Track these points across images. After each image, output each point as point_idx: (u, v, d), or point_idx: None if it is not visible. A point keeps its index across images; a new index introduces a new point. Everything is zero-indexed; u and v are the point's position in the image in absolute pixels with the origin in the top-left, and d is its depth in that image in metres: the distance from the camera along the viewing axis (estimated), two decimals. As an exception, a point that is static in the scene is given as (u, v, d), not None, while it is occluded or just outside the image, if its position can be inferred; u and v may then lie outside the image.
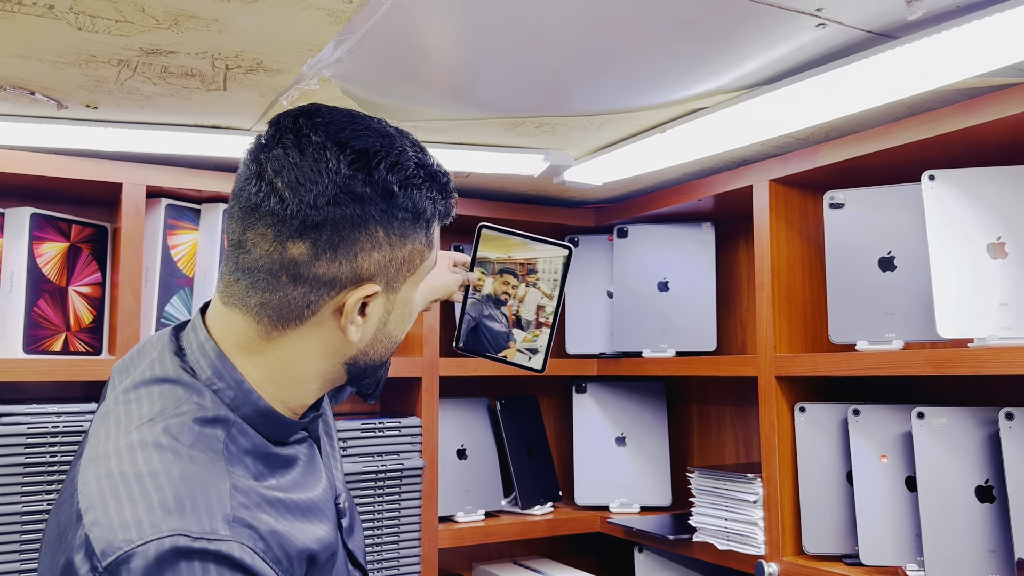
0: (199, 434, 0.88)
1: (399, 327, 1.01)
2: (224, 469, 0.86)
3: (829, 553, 1.67)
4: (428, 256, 0.99)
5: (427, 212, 0.95)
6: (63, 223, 1.83)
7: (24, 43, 1.23)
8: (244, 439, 0.92)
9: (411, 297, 1.01)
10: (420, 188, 0.94)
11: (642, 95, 1.49)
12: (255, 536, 0.84)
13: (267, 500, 0.89)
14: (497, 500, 2.22)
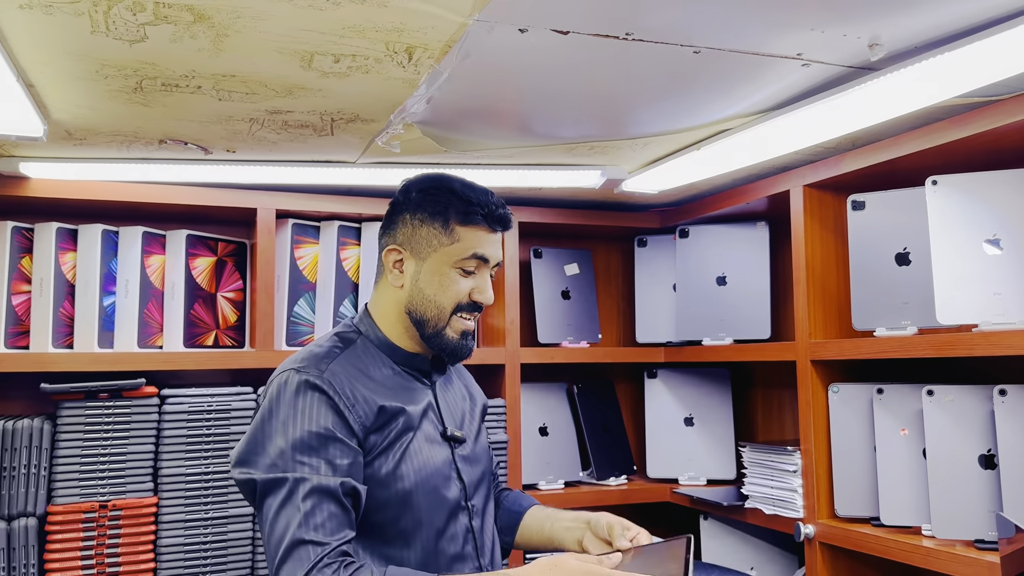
0: (334, 340, 1.47)
1: (430, 288, 1.45)
2: (334, 353, 1.42)
3: (857, 515, 1.89)
4: (448, 242, 1.44)
5: (438, 212, 1.44)
6: (211, 241, 2.25)
7: (181, 110, 1.62)
8: (365, 349, 1.46)
9: (441, 270, 1.45)
10: (430, 195, 1.45)
11: (675, 122, 1.76)
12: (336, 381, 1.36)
13: (356, 375, 1.40)
14: (575, 472, 2.52)
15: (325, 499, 1.27)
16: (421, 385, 1.50)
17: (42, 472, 1.94)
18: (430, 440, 1.45)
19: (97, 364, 2.02)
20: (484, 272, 1.48)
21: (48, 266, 2.06)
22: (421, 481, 1.40)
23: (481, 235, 1.45)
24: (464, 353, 1.49)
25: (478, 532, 1.48)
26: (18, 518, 1.92)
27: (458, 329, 1.46)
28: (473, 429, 1.57)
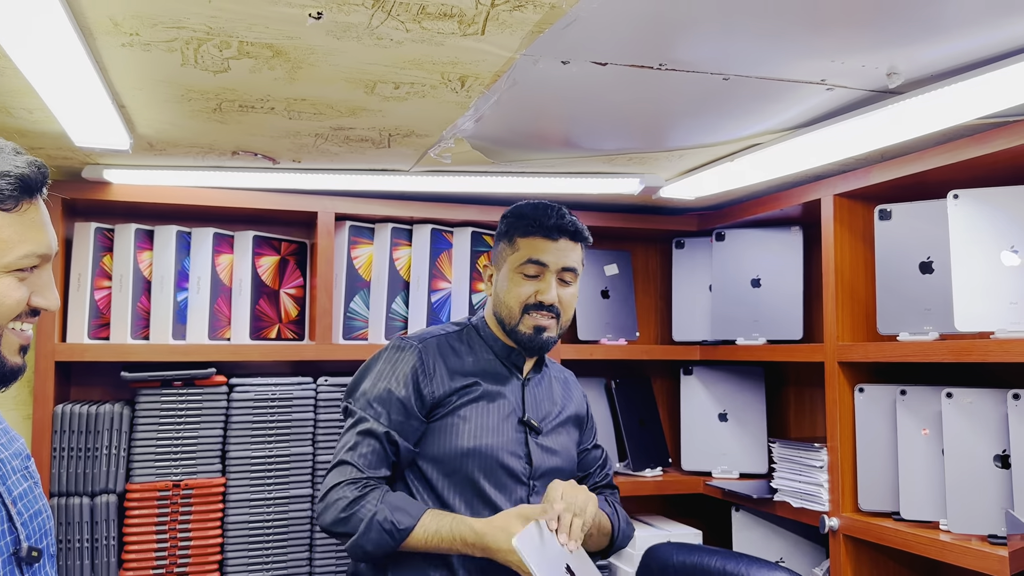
0: (448, 325, 1.85)
1: (502, 291, 1.77)
2: (441, 332, 1.80)
3: (879, 510, 1.98)
4: (510, 252, 1.75)
5: (507, 231, 1.78)
6: (275, 241, 2.42)
7: (253, 127, 1.78)
8: (471, 336, 1.80)
9: (508, 276, 1.75)
10: (506, 219, 1.81)
11: (708, 137, 1.87)
12: (425, 353, 1.71)
13: (449, 353, 1.74)
14: (613, 463, 2.65)
15: (372, 439, 1.65)
16: (513, 377, 1.79)
17: (122, 453, 2.13)
18: (504, 416, 1.73)
19: (171, 354, 2.20)
20: (547, 276, 1.73)
21: (127, 264, 2.24)
22: (480, 446, 1.68)
23: (537, 243, 1.73)
24: (536, 346, 1.75)
25: None
26: (100, 495, 2.11)
27: (530, 325, 1.73)
28: (555, 428, 1.82)
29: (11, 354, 1.10)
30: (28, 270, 1.08)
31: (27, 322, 1.11)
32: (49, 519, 1.21)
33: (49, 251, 1.11)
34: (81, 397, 2.32)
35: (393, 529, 1.56)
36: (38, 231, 1.09)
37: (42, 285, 1.11)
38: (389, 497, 1.61)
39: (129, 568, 2.10)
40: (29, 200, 1.08)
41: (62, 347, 2.15)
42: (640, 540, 2.47)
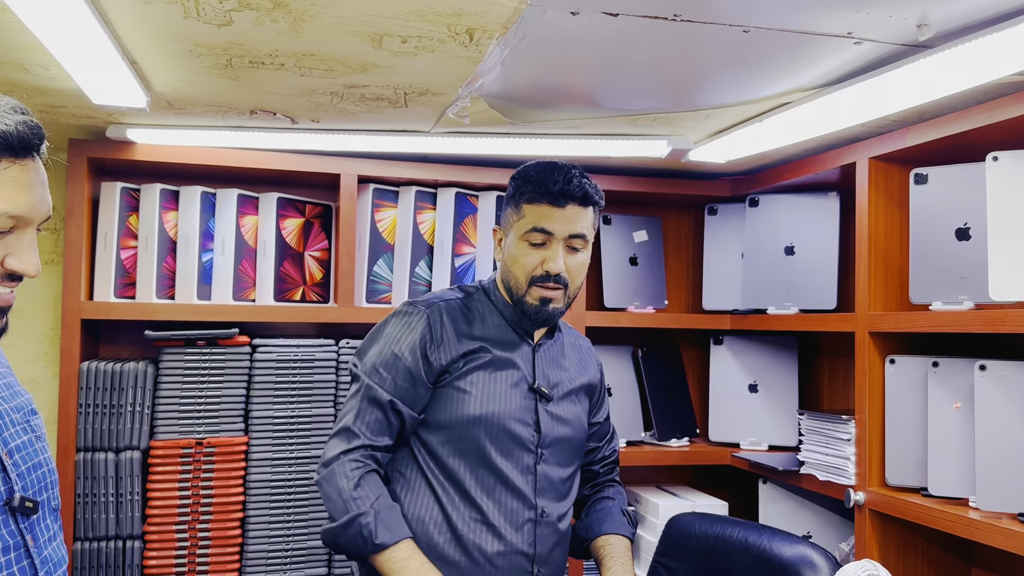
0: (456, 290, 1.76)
1: (510, 260, 1.67)
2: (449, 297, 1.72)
3: (907, 485, 1.92)
4: (516, 219, 1.65)
5: (514, 195, 1.66)
6: (300, 204, 2.42)
7: (268, 84, 1.76)
8: (480, 301, 1.72)
9: (515, 244, 1.65)
10: (513, 182, 1.68)
11: (734, 95, 1.80)
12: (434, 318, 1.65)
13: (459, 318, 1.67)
14: (638, 432, 2.61)
15: (376, 407, 1.61)
16: (524, 344, 1.71)
17: (145, 410, 2.16)
18: (513, 384, 1.67)
19: (195, 314, 2.22)
20: (554, 244, 1.62)
21: (152, 224, 2.26)
22: (488, 413, 1.62)
23: (543, 210, 1.62)
24: (542, 317, 1.66)
25: (541, 476, 1.66)
26: (124, 451, 2.15)
27: (536, 296, 1.64)
28: (567, 395, 1.75)
29: None
30: (4, 232, 1.05)
31: (5, 285, 1.08)
32: (52, 474, 1.19)
33: (29, 213, 1.06)
34: (109, 355, 2.36)
35: (369, 538, 1.51)
36: (18, 191, 1.05)
37: (21, 248, 1.07)
38: (383, 505, 1.54)
39: (153, 523, 2.14)
40: (13, 159, 1.04)
41: (88, 305, 2.18)
42: (664, 510, 2.44)
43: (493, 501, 1.62)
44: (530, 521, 1.64)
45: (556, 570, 1.70)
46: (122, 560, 2.13)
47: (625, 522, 1.83)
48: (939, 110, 1.82)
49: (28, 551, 1.10)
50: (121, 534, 2.13)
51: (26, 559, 1.09)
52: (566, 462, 1.72)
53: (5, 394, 1.18)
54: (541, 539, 1.65)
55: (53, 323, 2.35)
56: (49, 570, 1.13)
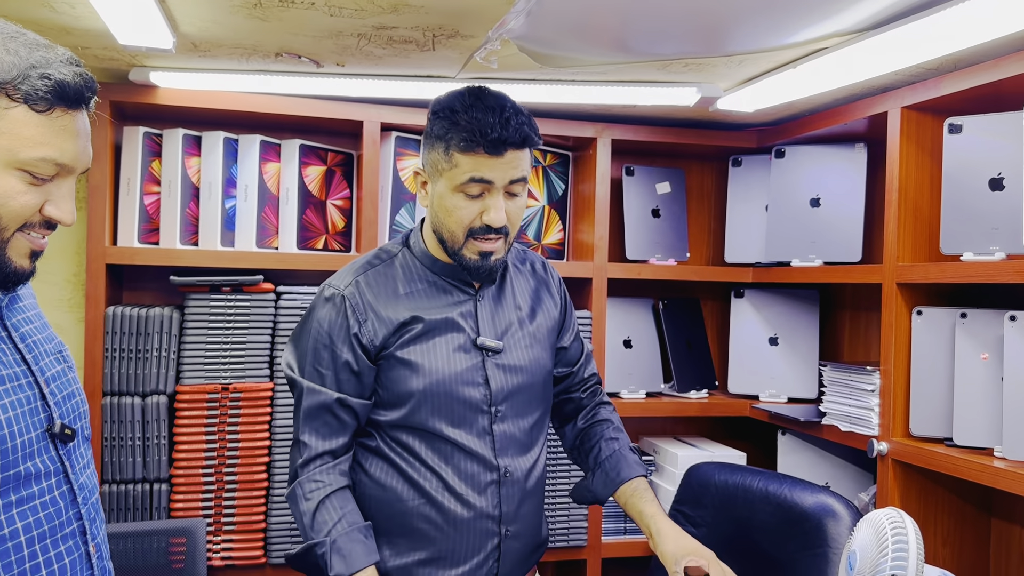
0: (376, 253, 1.62)
1: (442, 211, 1.51)
2: (369, 265, 1.59)
3: (931, 436, 1.92)
4: (448, 167, 1.47)
5: (442, 137, 1.47)
6: (322, 151, 2.40)
7: (295, 26, 1.74)
8: (405, 262, 1.59)
9: (445, 195, 1.50)
10: (438, 120, 1.49)
11: (771, 39, 1.76)
12: (354, 300, 1.53)
13: (383, 289, 1.55)
14: (657, 384, 2.62)
15: (322, 411, 1.53)
16: (463, 295, 1.59)
17: (171, 356, 2.17)
18: (457, 347, 1.55)
19: (219, 261, 2.22)
20: (495, 194, 1.47)
21: (175, 169, 2.25)
22: (434, 383, 1.52)
23: (479, 160, 1.45)
24: (483, 273, 1.54)
25: (499, 436, 1.57)
26: (151, 395, 2.17)
27: (475, 251, 1.51)
28: (518, 340, 1.62)
29: (18, 257, 1.09)
30: (45, 179, 1.07)
31: (40, 232, 1.10)
32: (83, 403, 1.23)
33: (73, 162, 1.09)
34: (132, 301, 2.37)
35: (325, 568, 1.46)
36: (66, 139, 1.08)
37: (60, 196, 1.09)
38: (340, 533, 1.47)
39: (179, 467, 2.16)
40: (65, 108, 1.07)
41: (113, 250, 2.18)
42: (683, 459, 2.46)
43: (452, 468, 1.54)
44: (493, 483, 1.56)
45: (527, 525, 1.62)
46: (149, 503, 2.16)
47: (639, 461, 1.75)
48: (974, 58, 1.79)
49: (67, 476, 1.14)
50: (148, 477, 2.16)
51: (65, 484, 1.14)
52: (527, 411, 1.62)
53: (37, 324, 1.21)
54: (506, 499, 1.57)
55: (76, 269, 2.35)
56: (85, 496, 1.17)
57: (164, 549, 2.11)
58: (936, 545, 1.99)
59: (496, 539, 1.57)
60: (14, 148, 1.03)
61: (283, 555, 2.21)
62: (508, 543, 1.59)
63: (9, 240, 1.07)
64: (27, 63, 1.04)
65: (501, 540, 1.58)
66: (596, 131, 2.47)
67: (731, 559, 2.16)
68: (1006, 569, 2.02)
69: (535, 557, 1.69)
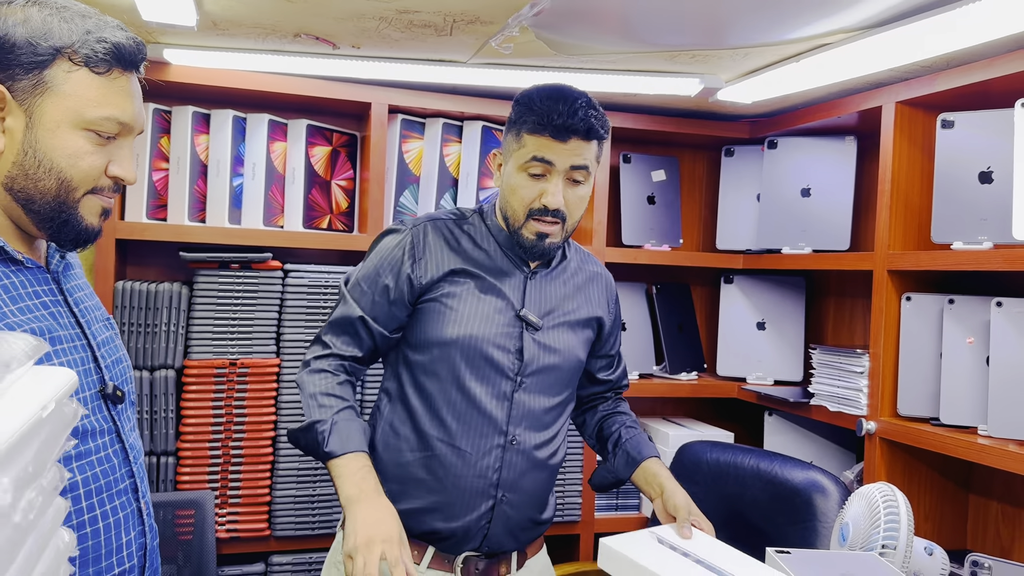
0: (453, 210, 1.74)
1: (507, 190, 1.63)
2: (441, 217, 1.70)
3: (918, 415, 2.03)
4: (516, 147, 1.59)
5: (516, 122, 1.60)
6: (327, 132, 2.43)
7: (320, 6, 1.77)
8: (474, 225, 1.69)
9: (511, 174, 1.60)
10: (516, 106, 1.61)
11: (777, 34, 1.84)
12: (417, 236, 1.65)
13: (447, 238, 1.65)
14: (649, 365, 2.71)
15: (347, 323, 1.65)
16: (517, 271, 1.67)
17: (180, 331, 2.20)
18: (497, 310, 1.63)
19: (227, 238, 2.25)
20: (554, 176, 1.56)
21: (184, 146, 2.27)
22: (467, 336, 1.60)
23: (544, 142, 1.55)
24: (538, 251, 1.62)
25: (517, 403, 1.63)
26: (159, 369, 2.19)
27: (533, 231, 1.60)
28: (558, 324, 1.69)
29: (89, 215, 1.15)
30: (109, 137, 1.12)
31: (109, 194, 1.16)
32: (129, 368, 1.28)
33: (132, 121, 1.15)
34: (136, 276, 2.38)
35: (322, 444, 1.53)
36: (124, 99, 1.13)
37: (122, 156, 1.15)
38: (342, 418, 1.56)
39: (186, 440, 2.19)
40: (121, 70, 1.12)
41: (123, 225, 2.19)
42: (674, 438, 2.54)
43: (462, 424, 1.61)
44: (499, 447, 1.62)
45: (528, 498, 1.66)
46: (156, 475, 2.19)
47: (652, 443, 1.84)
48: (966, 57, 1.89)
49: (119, 436, 1.19)
50: (155, 450, 2.19)
51: (118, 443, 1.19)
52: (552, 392, 1.69)
53: (88, 291, 1.26)
54: (508, 465, 1.63)
55: (80, 243, 2.36)
56: (135, 455, 1.23)
57: (171, 521, 2.14)
58: (919, 519, 2.10)
59: (491, 501, 1.62)
60: (80, 109, 1.09)
61: (287, 524, 2.26)
62: (502, 508, 1.63)
63: (80, 200, 1.12)
64: (83, 28, 1.10)
65: (496, 503, 1.63)
66: (596, 118, 2.53)
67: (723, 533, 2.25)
68: (983, 541, 2.14)
69: (534, 533, 1.73)
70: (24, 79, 1.06)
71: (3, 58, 1.05)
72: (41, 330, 1.09)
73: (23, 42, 1.06)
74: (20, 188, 1.10)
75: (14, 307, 1.07)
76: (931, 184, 2.06)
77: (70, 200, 1.11)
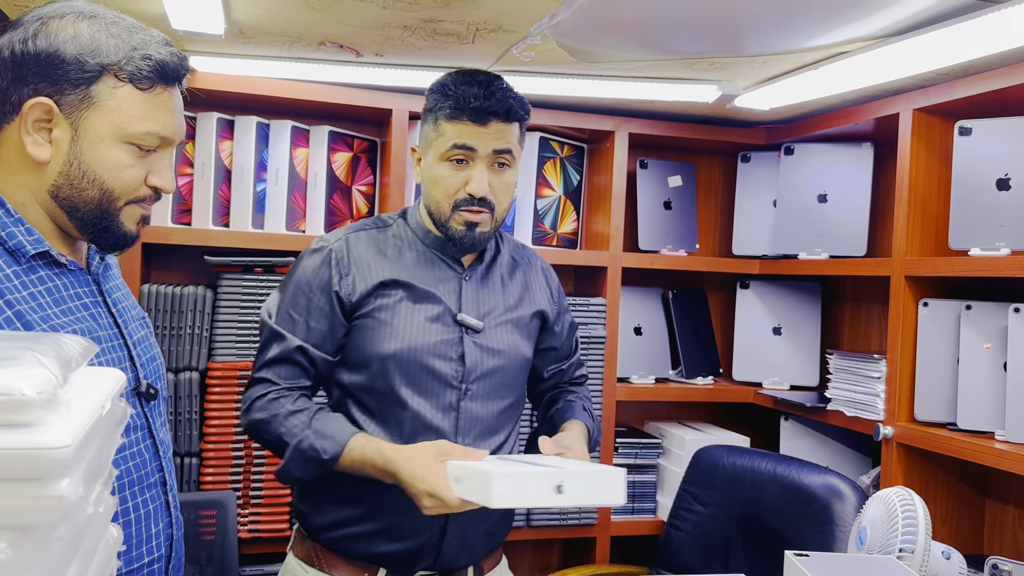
0: (373, 219, 1.67)
1: (429, 182, 1.58)
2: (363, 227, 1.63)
3: (935, 420, 2.04)
4: (435, 136, 1.55)
5: (432, 110, 1.57)
6: (348, 138, 2.47)
7: (346, 16, 1.80)
8: (399, 231, 1.62)
9: (432, 165, 1.56)
10: (430, 95, 1.58)
11: (796, 42, 1.86)
12: (340, 253, 1.56)
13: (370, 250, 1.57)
14: (666, 370, 2.72)
15: (286, 355, 1.54)
16: (450, 271, 1.60)
17: (204, 333, 2.23)
18: (433, 318, 1.55)
19: (251, 242, 2.28)
20: (477, 162, 1.51)
21: (209, 152, 2.31)
22: (404, 349, 1.52)
23: (464, 127, 1.50)
24: (468, 243, 1.55)
25: (464, 413, 1.56)
26: (183, 371, 2.22)
27: (460, 221, 1.53)
28: (500, 324, 1.62)
29: (129, 222, 1.21)
30: (149, 150, 1.18)
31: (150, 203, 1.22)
32: (162, 366, 1.34)
33: (172, 135, 1.20)
34: (160, 280, 2.41)
35: (318, 457, 1.45)
36: (165, 114, 1.18)
37: (161, 167, 1.20)
38: (318, 422, 1.48)
39: (210, 441, 2.22)
40: (164, 86, 1.17)
41: (148, 230, 2.23)
42: (689, 443, 2.56)
43: (407, 442, 1.50)
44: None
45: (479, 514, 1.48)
46: (180, 475, 2.22)
47: (588, 416, 1.72)
48: (985, 65, 1.90)
49: (151, 431, 1.24)
50: (179, 451, 2.22)
51: (149, 439, 1.24)
52: (498, 395, 1.61)
53: (125, 291, 1.32)
54: None
55: (106, 247, 2.40)
56: (164, 450, 1.28)
57: (194, 521, 2.17)
58: (936, 523, 2.11)
59: (442, 519, 1.53)
60: (123, 124, 1.14)
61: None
62: (453, 524, 1.55)
63: (122, 208, 1.18)
64: (129, 45, 1.14)
65: (447, 520, 1.53)
66: (614, 125, 2.56)
67: (740, 536, 2.27)
68: (999, 546, 2.15)
69: (490, 545, 1.67)
70: (71, 94, 1.11)
71: (52, 73, 1.10)
72: (83, 331, 1.14)
73: (72, 59, 1.10)
74: (65, 196, 1.15)
75: (57, 309, 1.13)
76: (948, 190, 2.08)
77: (112, 208, 1.17)
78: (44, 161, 1.13)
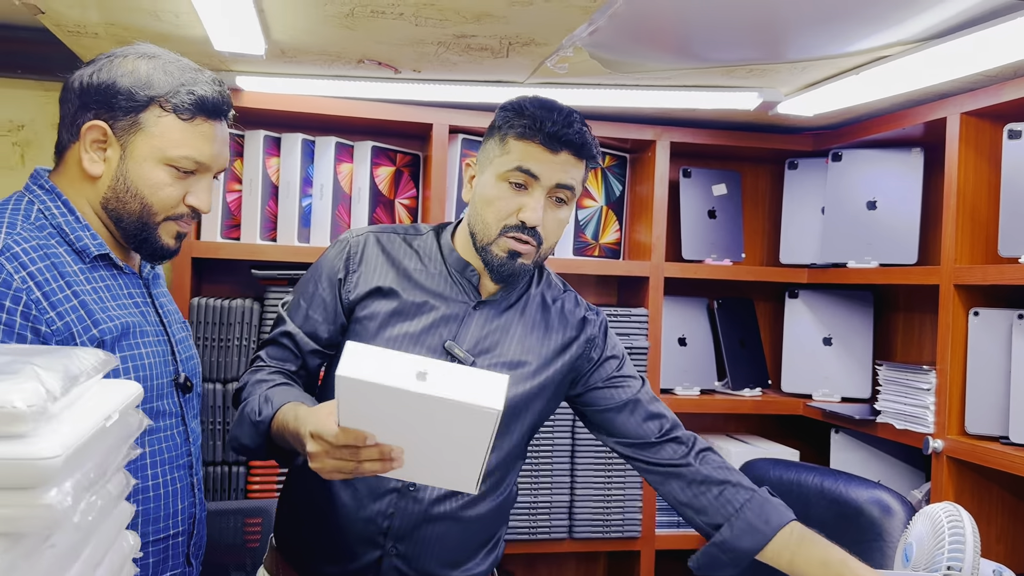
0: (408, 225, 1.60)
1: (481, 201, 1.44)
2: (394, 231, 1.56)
3: (986, 434, 1.97)
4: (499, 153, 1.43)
5: (501, 127, 1.45)
6: (391, 152, 2.51)
7: (381, 34, 1.84)
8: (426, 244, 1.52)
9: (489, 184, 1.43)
10: (502, 112, 1.47)
11: (835, 47, 1.83)
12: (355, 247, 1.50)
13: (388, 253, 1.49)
14: (711, 381, 2.69)
15: (282, 339, 1.48)
16: (460, 298, 1.47)
17: (252, 344, 2.29)
18: (418, 336, 1.43)
19: (297, 256, 2.34)
20: (536, 191, 1.39)
21: (256, 169, 2.37)
22: None
23: (533, 150, 1.39)
24: (507, 271, 1.43)
25: None
26: (231, 382, 2.28)
27: (504, 248, 1.41)
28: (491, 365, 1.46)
29: (167, 237, 1.36)
30: (188, 172, 1.32)
31: (187, 220, 1.37)
32: (198, 365, 1.51)
33: (209, 161, 1.34)
34: (211, 293, 2.49)
35: (253, 419, 1.34)
36: (204, 143, 1.33)
37: (199, 188, 1.35)
38: (274, 391, 1.37)
39: (257, 450, 2.28)
40: (205, 118, 1.32)
41: (198, 245, 2.30)
42: (736, 455, 2.52)
43: None
44: (393, 491, 1.41)
45: (429, 552, 1.43)
46: (228, 484, 2.28)
47: (781, 502, 1.52)
48: (1036, 66, 1.84)
49: (184, 420, 1.40)
50: (228, 460, 2.28)
51: (182, 426, 1.40)
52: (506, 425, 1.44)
53: (169, 298, 1.49)
54: (401, 513, 1.41)
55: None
56: (194, 439, 1.44)
57: (240, 528, 2.23)
58: (990, 541, 2.03)
59: (378, 552, 1.43)
60: (164, 147, 1.29)
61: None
62: (391, 561, 1.43)
63: (160, 223, 1.33)
64: (178, 82, 1.30)
65: (384, 555, 1.43)
66: (655, 134, 2.55)
67: (786, 551, 2.22)
68: (1060, 566, 2.06)
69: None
70: (123, 119, 1.29)
71: (108, 101, 1.28)
72: (133, 323, 1.31)
73: (125, 90, 1.28)
74: (112, 208, 1.32)
75: (115, 303, 1.30)
76: (998, 196, 2.01)
77: (151, 222, 1.32)
78: (97, 176, 1.30)
